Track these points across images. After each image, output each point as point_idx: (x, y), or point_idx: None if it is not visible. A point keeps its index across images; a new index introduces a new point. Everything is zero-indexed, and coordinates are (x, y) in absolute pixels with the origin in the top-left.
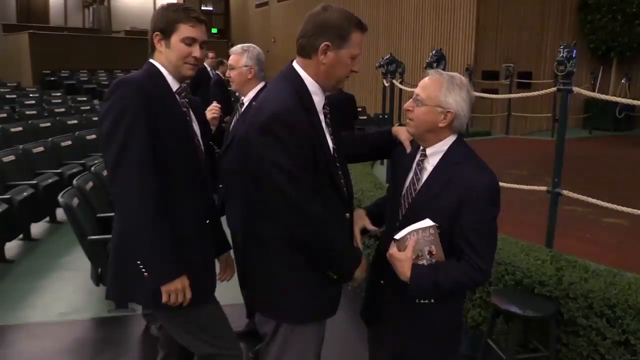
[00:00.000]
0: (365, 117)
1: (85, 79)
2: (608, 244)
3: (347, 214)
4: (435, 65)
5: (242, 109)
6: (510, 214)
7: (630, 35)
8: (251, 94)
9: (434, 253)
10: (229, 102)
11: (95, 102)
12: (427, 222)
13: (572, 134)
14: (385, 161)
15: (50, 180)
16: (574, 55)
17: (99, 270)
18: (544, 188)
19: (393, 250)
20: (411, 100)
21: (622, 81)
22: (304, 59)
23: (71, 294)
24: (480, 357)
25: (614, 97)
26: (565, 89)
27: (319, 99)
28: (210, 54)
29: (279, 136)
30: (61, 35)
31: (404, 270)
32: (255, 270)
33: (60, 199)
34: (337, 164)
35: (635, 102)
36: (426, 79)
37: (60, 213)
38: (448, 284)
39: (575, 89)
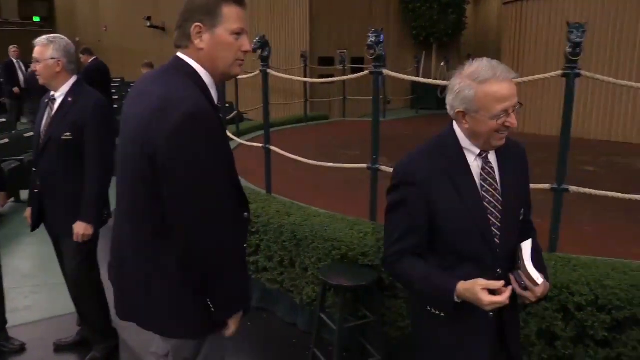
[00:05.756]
0: None
1: None
2: None
3: (246, 214)
4: (259, 51)
5: (56, 105)
6: (342, 193)
7: (445, 22)
8: (64, 89)
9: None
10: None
11: None
12: (526, 245)
13: (401, 114)
14: None
15: None
16: (381, 40)
17: None
18: (364, 165)
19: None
20: (513, 116)
21: (441, 64)
22: (182, 50)
23: None
24: (314, 332)
25: (422, 79)
26: (376, 72)
27: (214, 93)
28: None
29: (195, 137)
30: None
31: (546, 290)
32: (154, 296)
33: None
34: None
35: (445, 83)
36: (509, 86)
37: None
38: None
39: (385, 72)
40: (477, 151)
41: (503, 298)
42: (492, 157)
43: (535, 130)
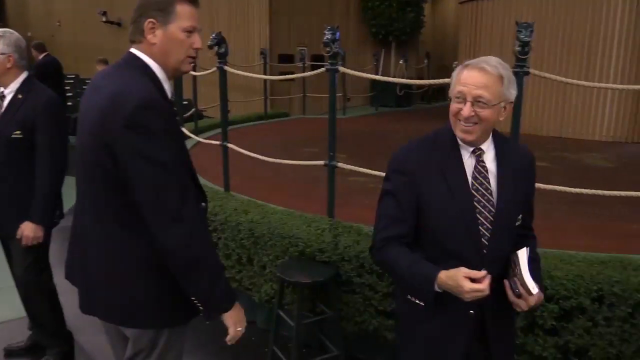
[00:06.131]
0: None
1: None
2: None
3: (203, 204)
4: (216, 48)
5: (5, 103)
6: (301, 190)
7: (404, 21)
8: (14, 85)
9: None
10: None
11: None
12: (523, 253)
13: (361, 112)
14: None
15: None
16: (337, 37)
17: None
18: (322, 162)
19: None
20: (468, 105)
21: (400, 62)
22: (136, 45)
23: None
24: (273, 329)
25: (380, 77)
26: (332, 69)
27: (168, 88)
28: None
29: (151, 127)
30: None
31: (539, 300)
32: (117, 286)
33: None
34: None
35: (403, 81)
36: (478, 75)
37: None
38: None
39: (341, 69)
40: (471, 148)
41: (483, 286)
42: (489, 157)
43: None
